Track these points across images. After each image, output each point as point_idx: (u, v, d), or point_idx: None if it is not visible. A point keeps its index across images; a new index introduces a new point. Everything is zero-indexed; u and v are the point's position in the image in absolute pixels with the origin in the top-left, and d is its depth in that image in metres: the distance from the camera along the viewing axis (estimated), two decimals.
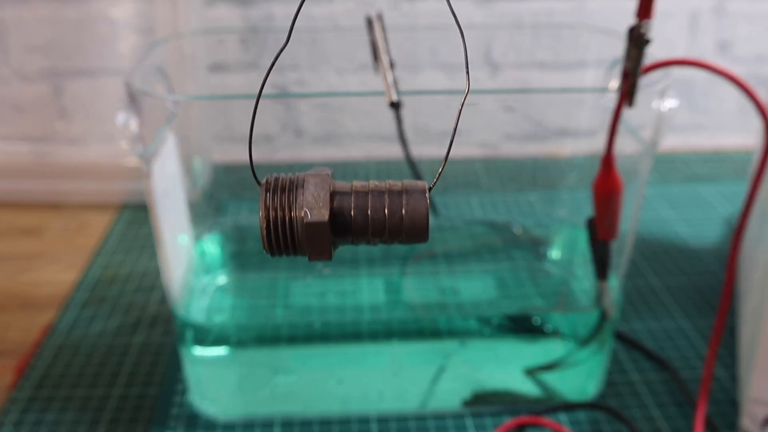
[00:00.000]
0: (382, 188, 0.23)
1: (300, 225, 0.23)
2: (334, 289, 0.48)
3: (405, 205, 0.23)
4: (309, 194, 0.23)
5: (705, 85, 0.78)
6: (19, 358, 0.48)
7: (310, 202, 0.23)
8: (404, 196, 0.23)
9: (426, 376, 0.44)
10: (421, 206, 0.23)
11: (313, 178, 0.23)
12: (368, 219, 0.23)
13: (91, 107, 0.72)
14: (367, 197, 0.23)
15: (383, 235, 0.23)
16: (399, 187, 0.23)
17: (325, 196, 0.23)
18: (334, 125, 0.62)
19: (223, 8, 0.71)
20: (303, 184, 0.23)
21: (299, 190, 0.23)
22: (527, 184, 0.57)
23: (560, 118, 0.48)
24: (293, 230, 0.23)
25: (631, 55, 0.34)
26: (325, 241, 0.23)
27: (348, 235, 0.24)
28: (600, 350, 0.43)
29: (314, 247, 0.23)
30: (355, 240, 0.24)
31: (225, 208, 0.53)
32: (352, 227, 0.23)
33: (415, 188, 0.23)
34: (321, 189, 0.23)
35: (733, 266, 0.37)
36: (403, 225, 0.23)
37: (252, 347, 0.43)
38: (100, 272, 0.58)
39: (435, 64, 0.71)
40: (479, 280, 0.50)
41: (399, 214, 0.23)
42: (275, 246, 0.24)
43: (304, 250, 0.24)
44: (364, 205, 0.23)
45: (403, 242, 0.24)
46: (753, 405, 0.41)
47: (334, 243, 0.24)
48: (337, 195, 0.23)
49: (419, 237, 0.23)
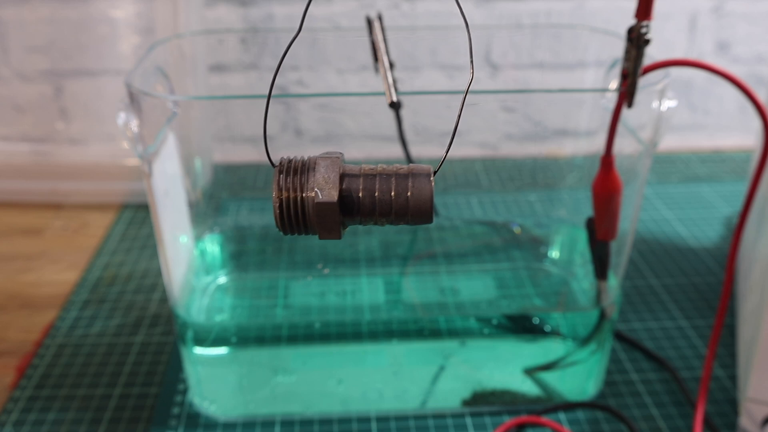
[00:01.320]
0: (390, 171, 0.25)
1: (311, 205, 0.24)
2: (334, 289, 0.49)
3: (411, 187, 0.24)
4: (320, 176, 0.24)
5: (704, 85, 0.78)
6: (21, 358, 0.48)
7: (320, 183, 0.24)
8: (410, 179, 0.24)
9: (426, 375, 0.44)
10: (425, 189, 0.24)
11: (324, 160, 0.25)
12: (375, 200, 0.24)
13: (91, 107, 0.72)
14: (375, 179, 0.25)
15: (389, 215, 0.25)
16: (405, 170, 0.25)
17: (335, 178, 0.24)
18: (334, 125, 0.62)
19: (223, 8, 0.71)
20: (314, 167, 0.25)
21: (311, 172, 0.25)
22: (527, 184, 0.57)
23: (560, 118, 0.48)
24: (304, 210, 0.25)
25: (631, 55, 0.34)
26: (334, 220, 0.25)
27: (356, 215, 0.25)
28: (599, 350, 0.43)
29: (324, 226, 0.25)
30: (363, 220, 0.25)
31: (225, 208, 0.54)
32: (360, 208, 0.25)
33: (420, 171, 0.25)
34: (331, 171, 0.24)
35: (732, 266, 0.37)
36: (409, 206, 0.24)
37: (252, 347, 0.43)
38: (100, 272, 0.58)
39: (435, 64, 0.71)
40: (479, 280, 0.50)
41: (405, 196, 0.24)
42: (287, 225, 0.25)
43: (314, 229, 0.25)
44: (372, 187, 0.25)
45: (409, 223, 0.25)
46: (752, 405, 0.41)
47: (343, 222, 0.25)
48: (347, 177, 0.25)
49: (424, 218, 0.25)
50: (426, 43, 0.68)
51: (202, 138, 0.49)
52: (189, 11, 0.66)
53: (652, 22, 0.33)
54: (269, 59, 0.71)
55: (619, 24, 0.39)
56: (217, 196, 0.52)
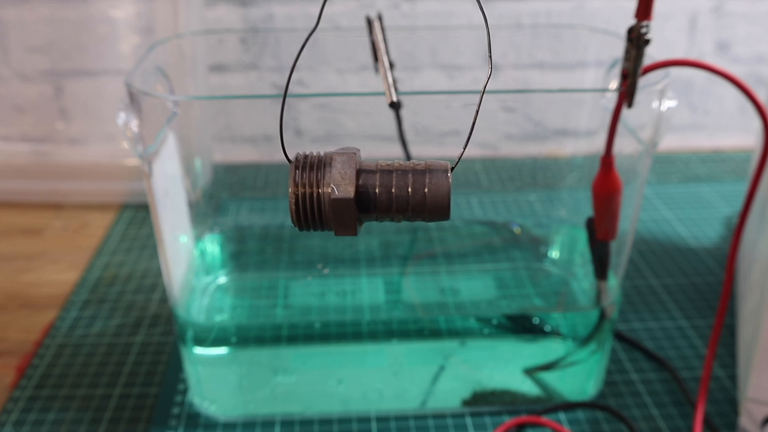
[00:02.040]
0: (406, 167, 0.24)
1: (327, 201, 0.24)
2: (334, 289, 0.49)
3: (428, 183, 0.24)
4: (336, 171, 0.24)
5: (704, 85, 0.78)
6: (21, 358, 0.48)
7: (336, 179, 0.24)
8: (427, 175, 0.24)
9: (426, 375, 0.44)
10: (443, 185, 0.24)
11: (341, 156, 0.24)
12: (392, 196, 0.24)
13: (92, 107, 0.72)
14: (391, 175, 0.24)
15: (406, 211, 0.24)
16: (422, 166, 0.24)
17: (352, 174, 0.24)
18: (334, 125, 0.62)
19: (223, 8, 0.71)
20: (330, 162, 0.24)
21: (327, 168, 0.24)
22: (527, 184, 0.57)
23: (560, 118, 0.48)
24: (321, 206, 0.24)
25: (631, 55, 0.34)
26: (350, 216, 0.24)
27: (372, 212, 0.25)
28: (599, 350, 0.43)
29: (340, 223, 0.24)
30: (380, 216, 0.25)
31: (225, 208, 0.54)
32: (377, 204, 0.24)
33: (437, 168, 0.24)
34: (348, 167, 0.24)
35: (732, 266, 0.37)
36: (426, 203, 0.24)
37: (252, 347, 0.43)
38: (100, 272, 0.58)
39: (435, 64, 0.71)
40: (479, 280, 0.50)
41: (422, 192, 0.24)
42: (303, 221, 0.25)
43: (330, 225, 0.25)
44: (389, 182, 0.24)
45: (426, 219, 0.25)
46: (752, 405, 0.41)
47: (360, 219, 0.25)
48: (363, 173, 0.24)
49: (441, 215, 0.24)
50: (426, 43, 0.68)
51: (202, 138, 0.49)
52: (189, 11, 0.66)
53: (652, 22, 0.33)
54: (269, 59, 0.71)
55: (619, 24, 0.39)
56: (217, 196, 0.52)
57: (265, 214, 0.55)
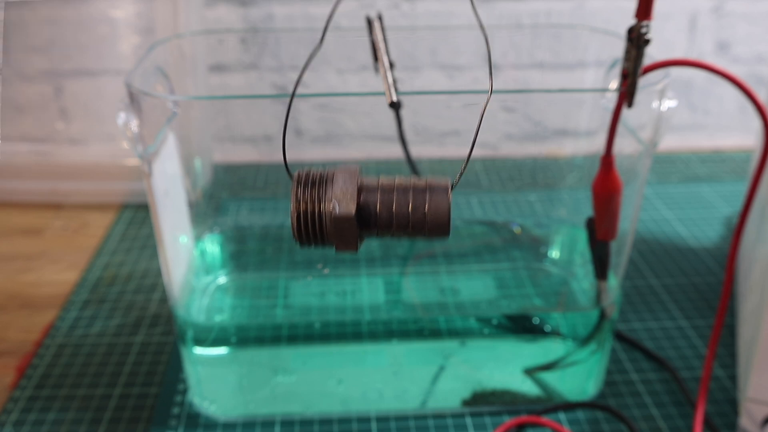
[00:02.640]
0: (407, 185, 0.25)
1: (328, 218, 0.24)
2: (334, 289, 0.49)
3: (428, 202, 0.24)
4: (338, 188, 0.24)
5: (704, 85, 0.78)
6: (21, 358, 0.48)
7: (338, 196, 0.24)
8: (427, 193, 0.25)
9: (426, 375, 0.44)
10: (443, 203, 0.24)
11: (342, 173, 0.25)
12: (393, 214, 0.25)
13: (92, 107, 0.72)
14: (392, 193, 0.25)
15: (407, 229, 0.25)
16: (423, 184, 0.25)
17: (353, 191, 0.24)
18: (334, 125, 0.62)
19: (223, 8, 0.71)
20: (332, 179, 0.25)
21: (329, 185, 0.25)
22: (527, 184, 0.57)
23: (560, 118, 0.48)
24: (322, 222, 0.25)
25: (631, 55, 0.34)
26: (351, 233, 0.25)
27: (373, 229, 0.25)
28: (599, 350, 0.43)
29: (341, 239, 0.25)
30: (380, 233, 0.25)
31: (225, 208, 0.54)
32: (378, 221, 0.25)
33: (438, 186, 0.25)
34: (349, 184, 0.24)
35: (732, 266, 0.37)
36: (426, 221, 0.25)
37: (252, 347, 0.43)
38: (100, 272, 0.58)
39: (435, 64, 0.71)
40: (479, 280, 0.50)
41: (422, 211, 0.24)
42: (305, 237, 0.25)
43: (331, 242, 0.25)
44: (389, 200, 0.25)
45: (426, 237, 0.25)
46: (752, 405, 0.41)
47: (360, 235, 0.25)
48: (364, 190, 0.25)
49: (441, 232, 0.25)
50: (426, 43, 0.68)
51: (202, 138, 0.49)
52: (189, 11, 0.66)
53: (652, 22, 0.33)
54: (269, 59, 0.71)
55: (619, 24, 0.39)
56: (217, 196, 0.52)
57: (265, 214, 0.55)
